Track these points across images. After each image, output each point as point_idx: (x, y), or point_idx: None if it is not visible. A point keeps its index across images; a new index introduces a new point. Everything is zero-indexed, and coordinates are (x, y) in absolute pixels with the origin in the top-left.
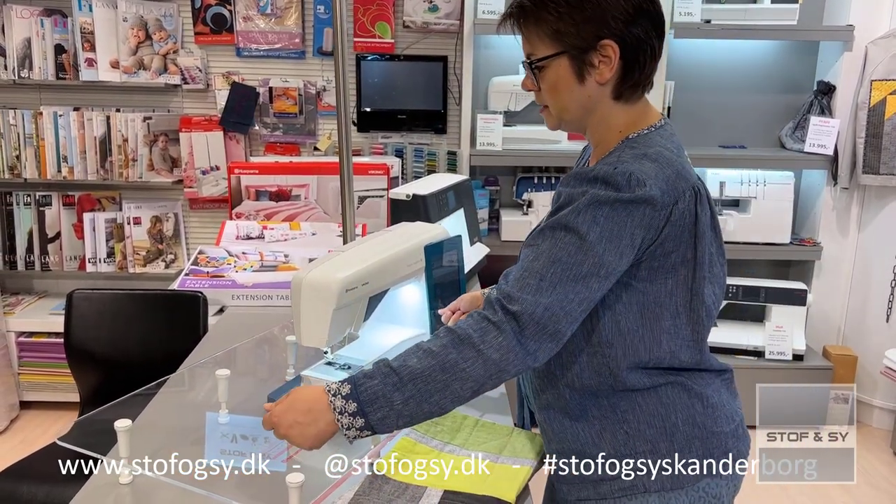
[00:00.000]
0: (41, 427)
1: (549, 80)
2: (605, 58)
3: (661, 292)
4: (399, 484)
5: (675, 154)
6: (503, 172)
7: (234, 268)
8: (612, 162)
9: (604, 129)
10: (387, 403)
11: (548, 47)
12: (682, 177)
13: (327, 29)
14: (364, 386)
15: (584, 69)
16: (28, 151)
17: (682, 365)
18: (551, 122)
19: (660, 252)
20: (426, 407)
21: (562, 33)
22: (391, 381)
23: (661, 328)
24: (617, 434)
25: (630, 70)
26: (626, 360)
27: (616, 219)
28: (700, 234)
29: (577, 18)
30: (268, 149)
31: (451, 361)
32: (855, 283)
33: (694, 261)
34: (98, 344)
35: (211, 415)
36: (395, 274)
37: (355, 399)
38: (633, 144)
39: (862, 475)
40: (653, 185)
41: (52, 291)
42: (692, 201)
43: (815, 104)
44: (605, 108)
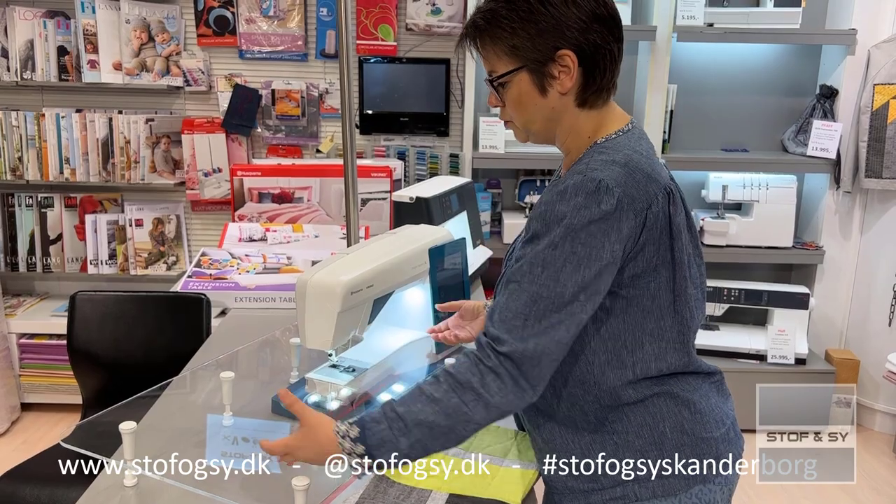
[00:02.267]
0: (42, 429)
1: (511, 96)
2: (564, 67)
3: (644, 296)
4: (404, 487)
5: (645, 157)
6: (505, 175)
7: (237, 270)
8: (581, 170)
9: (573, 136)
10: (394, 447)
11: (506, 63)
12: (652, 179)
13: (330, 31)
14: (372, 431)
15: (545, 81)
16: (30, 153)
17: (669, 369)
18: (519, 136)
19: (640, 258)
20: (431, 448)
21: (518, 48)
22: (397, 426)
23: (645, 331)
24: (606, 444)
25: (591, 77)
26: (611, 367)
27: (593, 242)
28: (675, 234)
29: (532, 32)
30: (270, 151)
31: (453, 407)
32: (857, 287)
33: (672, 262)
34: (101, 346)
35: (212, 417)
36: (399, 276)
37: (363, 443)
38: (602, 150)
39: (864, 479)
40: (622, 192)
41: (53, 293)
42: (665, 203)
43: (818, 108)
44: (570, 117)
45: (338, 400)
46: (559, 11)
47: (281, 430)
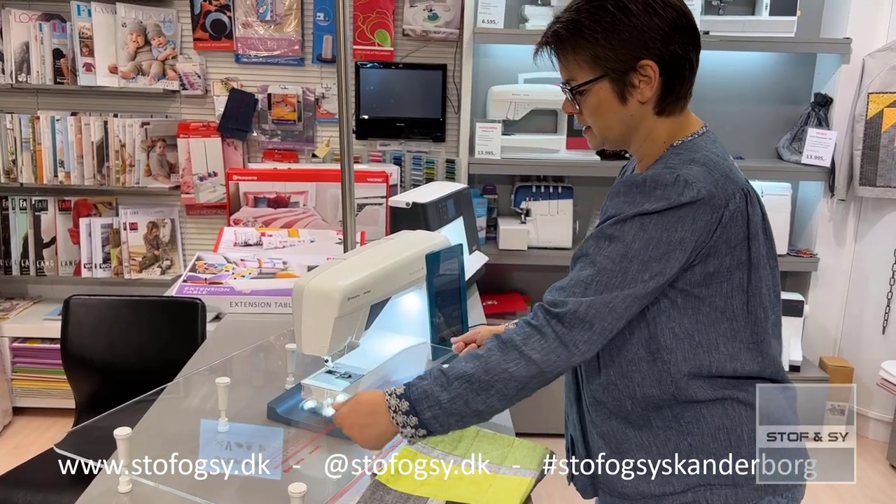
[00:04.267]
0: (34, 433)
1: (590, 104)
2: (645, 77)
3: (717, 296)
4: (401, 494)
5: (722, 157)
6: (501, 181)
7: (233, 274)
8: (658, 167)
9: (648, 143)
10: (435, 402)
11: (587, 72)
12: (730, 179)
13: (326, 36)
14: (416, 385)
15: (626, 90)
16: (24, 156)
17: (744, 370)
18: (594, 142)
19: (714, 256)
20: (473, 405)
21: (600, 58)
22: (440, 381)
23: (718, 332)
24: (681, 445)
25: (671, 86)
26: (687, 366)
27: (664, 225)
28: (752, 235)
29: (614, 42)
30: (266, 155)
31: (494, 362)
32: (851, 295)
33: (748, 263)
34: (95, 350)
35: (207, 422)
36: (396, 282)
37: (407, 398)
38: (679, 151)
39: (858, 487)
40: (701, 188)
41: (46, 297)
42: (742, 202)
43: (813, 116)
44: (648, 124)
45: (334, 406)
46: (641, 22)
47: (276, 436)
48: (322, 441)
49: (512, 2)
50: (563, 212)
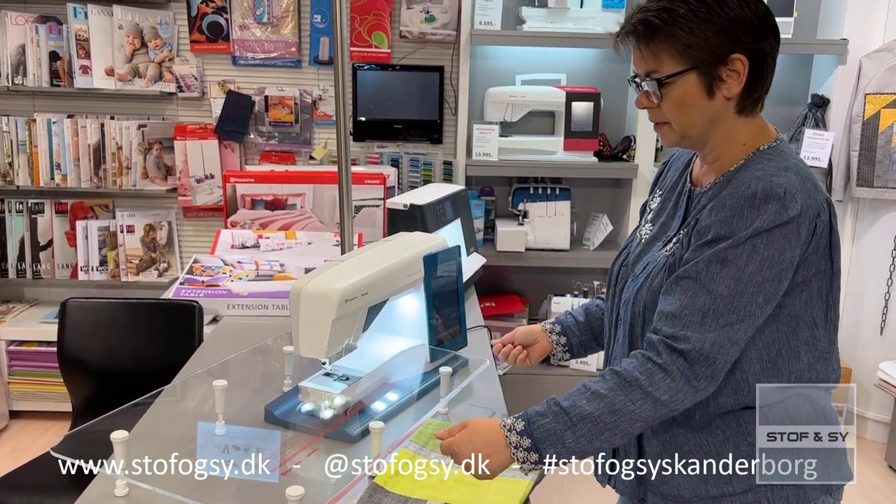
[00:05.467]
0: (31, 437)
1: (675, 97)
2: (734, 72)
3: (797, 304)
4: (399, 497)
5: (806, 166)
6: (499, 182)
7: (230, 277)
8: (759, 176)
9: (727, 143)
10: (559, 441)
11: (677, 63)
12: (818, 189)
13: (323, 38)
14: (537, 424)
15: (714, 84)
16: (21, 158)
17: (818, 379)
18: (671, 138)
19: (802, 267)
20: (596, 444)
21: (693, 48)
22: (562, 420)
23: (799, 340)
24: (741, 446)
25: (755, 84)
26: (765, 375)
27: (775, 245)
28: (835, 245)
29: (709, 32)
30: (263, 157)
31: (619, 403)
32: (849, 296)
33: (830, 272)
34: (92, 353)
35: (204, 425)
36: (394, 284)
37: (529, 436)
38: (770, 156)
39: (857, 488)
40: (802, 200)
41: (43, 299)
42: (828, 213)
43: (810, 117)
44: (728, 123)
45: (332, 409)
46: (736, 14)
47: (273, 439)
48: (320, 444)
49: (509, 3)
50: (560, 213)
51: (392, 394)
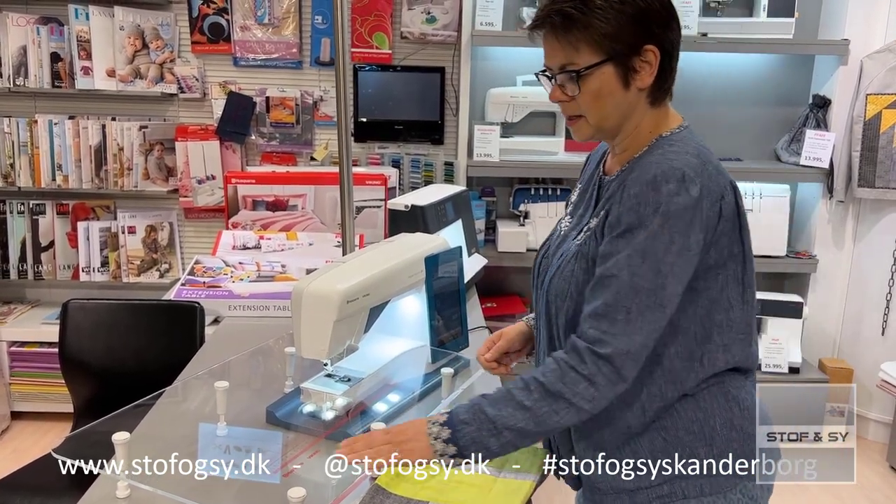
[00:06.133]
0: (32, 438)
1: (592, 89)
2: (646, 63)
3: (714, 288)
4: (400, 499)
5: (710, 151)
6: (500, 183)
7: (231, 278)
8: (658, 161)
9: (635, 133)
10: (483, 447)
11: (592, 54)
12: (721, 172)
13: (325, 39)
14: (462, 432)
15: (629, 75)
16: (22, 159)
17: (734, 361)
18: (586, 131)
19: (714, 249)
20: (520, 446)
21: (609, 38)
22: (487, 429)
23: (713, 322)
24: (656, 441)
25: (664, 74)
26: (680, 359)
27: (687, 231)
28: (744, 226)
29: (623, 23)
30: (264, 158)
31: (544, 415)
32: (850, 296)
33: (742, 254)
34: (93, 354)
35: (206, 426)
36: (395, 285)
37: (454, 444)
38: (670, 142)
39: (858, 488)
40: (702, 182)
41: (44, 300)
42: (733, 195)
43: (811, 117)
44: (639, 114)
45: (333, 410)
46: (647, 5)
47: (275, 440)
48: (321, 445)
49: (510, 4)
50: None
51: (394, 395)
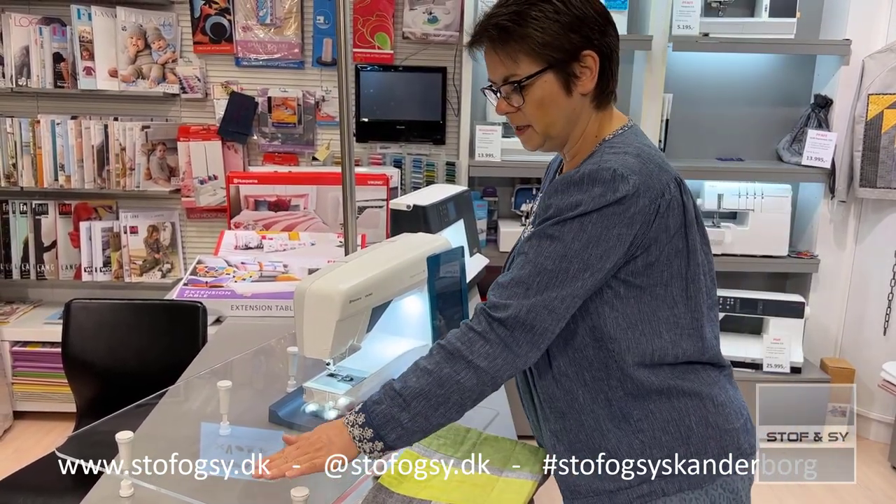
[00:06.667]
0: (35, 437)
1: (535, 98)
2: (586, 68)
3: (658, 285)
4: (403, 497)
5: (653, 149)
6: (501, 183)
7: (233, 278)
8: (595, 161)
9: (583, 139)
10: (397, 424)
11: (533, 63)
12: (663, 169)
13: (326, 39)
14: (374, 412)
15: (570, 81)
16: (25, 159)
17: (685, 355)
18: (535, 141)
19: (654, 246)
20: (434, 420)
21: (546, 46)
22: (397, 402)
23: (660, 319)
24: (633, 444)
25: (605, 78)
26: (631, 354)
27: (604, 223)
28: (689, 223)
29: (560, 31)
30: (266, 158)
31: (445, 376)
32: (852, 296)
33: (686, 250)
34: (96, 354)
35: (209, 426)
36: (398, 285)
37: (370, 426)
38: (612, 145)
39: (859, 489)
40: (637, 179)
41: (47, 300)
42: (677, 192)
43: (813, 117)
44: (585, 119)
45: (335, 409)
46: (582, 12)
47: (277, 440)
48: None
49: None
50: None
51: None
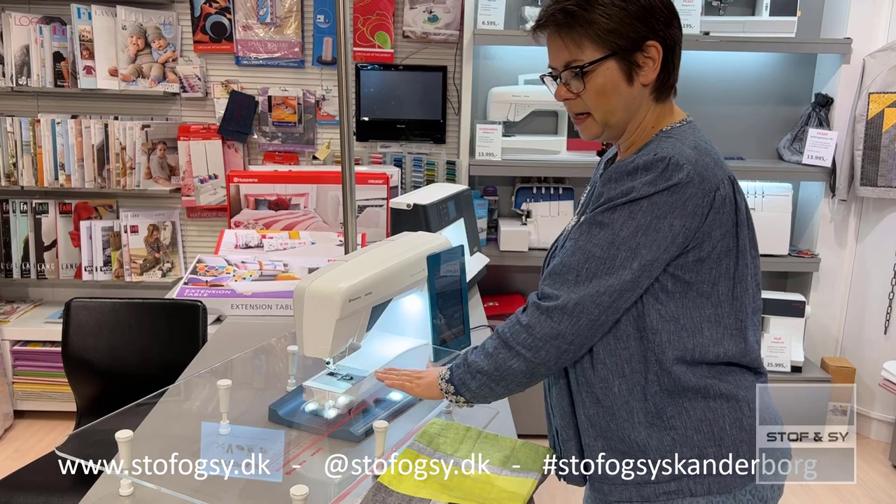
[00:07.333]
0: (35, 437)
1: (596, 85)
2: (649, 59)
3: (705, 282)
4: (403, 496)
5: (710, 145)
6: (502, 182)
7: (233, 277)
8: (650, 150)
9: (640, 130)
10: (467, 388)
11: (596, 50)
12: (719, 165)
13: (326, 38)
14: (455, 373)
15: (632, 70)
16: (25, 159)
17: (726, 355)
18: (594, 129)
19: (707, 242)
20: (498, 391)
21: (612, 33)
22: (468, 371)
23: (703, 316)
24: (664, 440)
25: (667, 70)
26: (671, 349)
27: (654, 211)
28: (741, 222)
29: (626, 19)
30: (266, 157)
31: (500, 360)
32: (853, 295)
33: (736, 250)
34: (96, 353)
35: (209, 425)
36: (397, 284)
37: (451, 382)
38: (668, 136)
39: (860, 487)
40: (691, 169)
41: (47, 300)
42: (731, 189)
43: (813, 116)
44: (644, 110)
45: (336, 408)
46: (648, 2)
47: (277, 438)
48: (324, 443)
49: (512, 3)
50: (563, 213)
51: (396, 393)
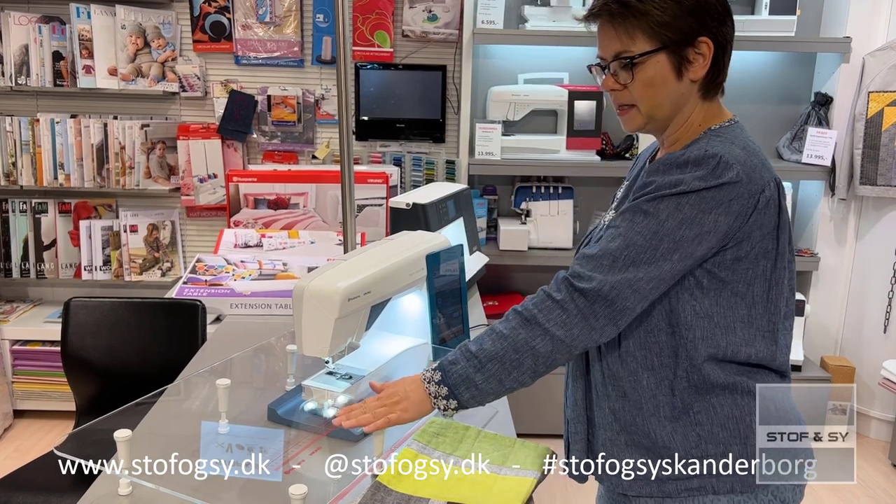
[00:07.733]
0: (35, 436)
1: (645, 77)
2: (700, 55)
3: (740, 282)
4: (402, 496)
5: (758, 147)
6: (501, 182)
7: (233, 276)
8: (701, 146)
9: (685, 126)
10: (472, 384)
11: (648, 42)
12: (766, 167)
13: (326, 37)
14: (450, 371)
15: (682, 65)
16: (24, 158)
17: (757, 356)
18: (638, 121)
19: (746, 242)
20: (507, 383)
21: (664, 26)
22: (472, 363)
23: (737, 316)
24: (689, 435)
25: (717, 68)
26: (704, 346)
27: (701, 206)
28: (783, 225)
29: (679, 13)
30: (266, 157)
31: (521, 341)
32: (852, 294)
33: (775, 252)
34: (95, 352)
35: (208, 424)
36: (396, 283)
37: (445, 384)
38: (718, 134)
39: (860, 487)
40: (740, 169)
41: (47, 299)
42: (775, 192)
43: (813, 115)
44: (691, 106)
45: (335, 407)
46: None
47: (276, 437)
48: (323, 442)
49: (511, 2)
50: (563, 212)
51: None
